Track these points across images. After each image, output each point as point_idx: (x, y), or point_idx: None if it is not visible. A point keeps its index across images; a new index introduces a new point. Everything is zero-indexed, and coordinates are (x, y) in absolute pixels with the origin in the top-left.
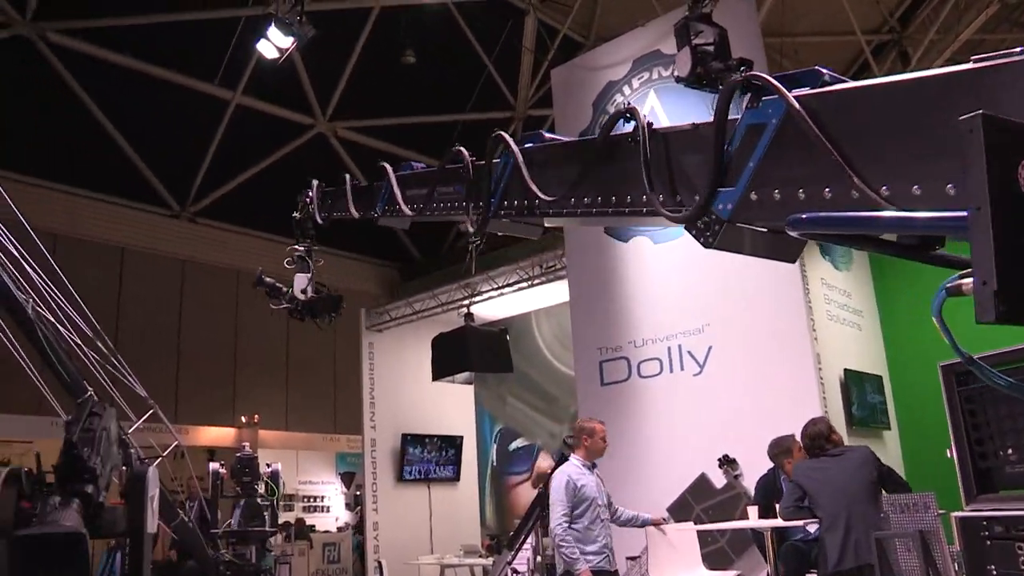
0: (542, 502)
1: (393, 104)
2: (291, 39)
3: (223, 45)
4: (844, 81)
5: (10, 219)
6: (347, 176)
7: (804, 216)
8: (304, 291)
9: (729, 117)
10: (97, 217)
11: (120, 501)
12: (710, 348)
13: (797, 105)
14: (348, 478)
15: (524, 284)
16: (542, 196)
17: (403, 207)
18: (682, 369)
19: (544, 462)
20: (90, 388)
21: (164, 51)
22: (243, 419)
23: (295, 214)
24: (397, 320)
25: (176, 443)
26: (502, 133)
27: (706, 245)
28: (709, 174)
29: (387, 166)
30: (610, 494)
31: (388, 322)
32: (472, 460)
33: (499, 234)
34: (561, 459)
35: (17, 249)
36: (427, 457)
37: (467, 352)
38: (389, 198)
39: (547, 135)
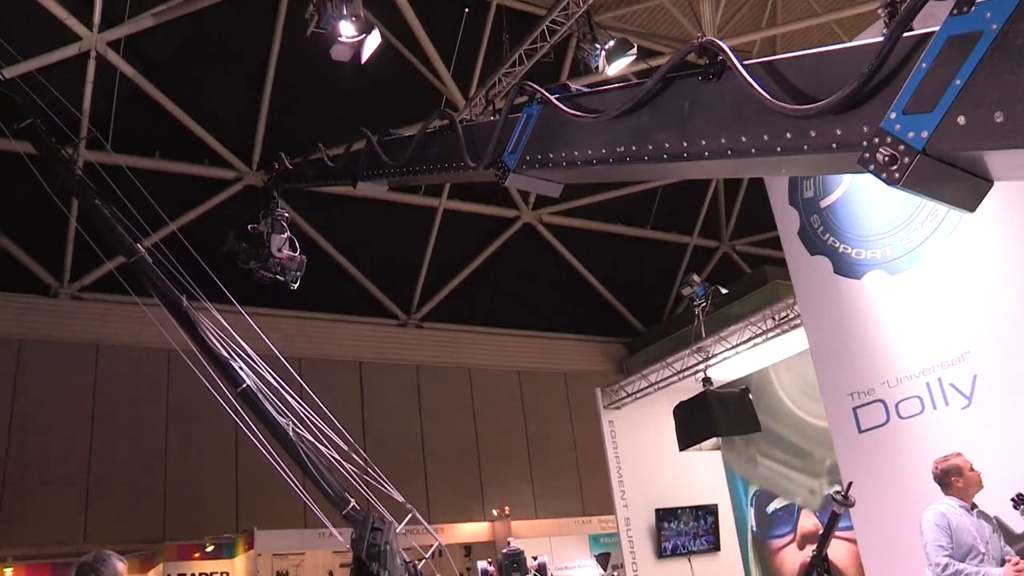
0: (816, 565)
1: (592, 183)
2: None
3: None
4: None
5: (261, 350)
6: (320, 145)
7: None
8: (280, 250)
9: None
10: (334, 336)
11: None
12: (975, 377)
13: None
14: (604, 559)
15: (758, 339)
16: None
17: (389, 164)
18: (947, 404)
19: (808, 521)
20: (352, 499)
21: None
22: (494, 512)
23: (262, 183)
24: (634, 395)
25: (436, 544)
26: (528, 82)
27: (890, 181)
28: (867, 69)
29: (366, 131)
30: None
31: (625, 398)
32: (730, 528)
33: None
34: (832, 518)
35: (274, 377)
36: (684, 529)
37: (711, 417)
38: (371, 161)
39: (574, 86)
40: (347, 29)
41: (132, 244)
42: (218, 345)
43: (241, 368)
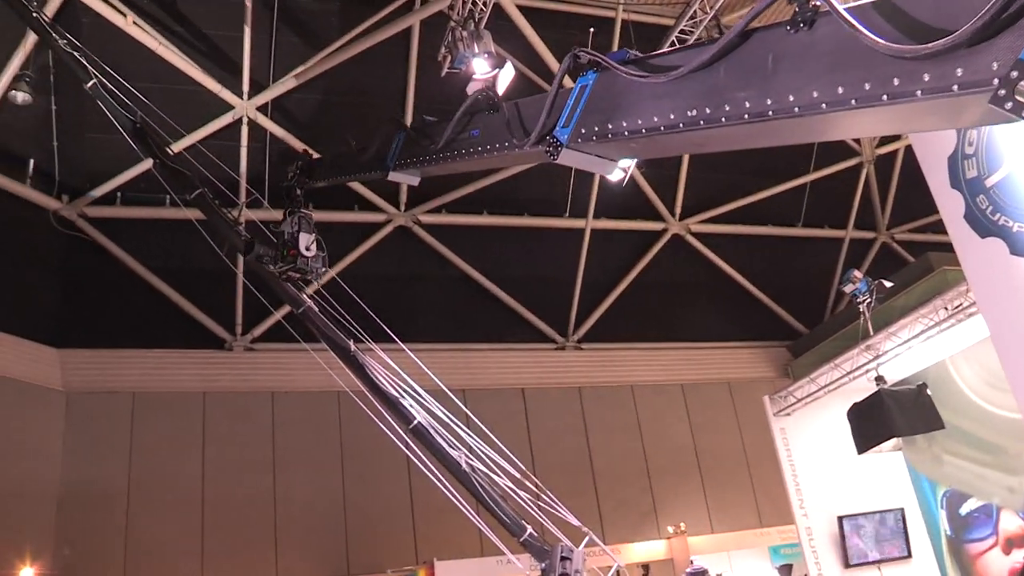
0: None
1: (736, 186)
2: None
3: (564, 180)
4: None
5: (425, 385)
6: (348, 137)
7: None
8: (308, 248)
9: None
10: (495, 365)
11: None
12: None
13: None
14: (786, 570)
15: (931, 331)
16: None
17: (424, 151)
18: None
19: (1011, 523)
20: (528, 526)
21: (514, 202)
22: (669, 529)
23: (284, 183)
24: (803, 400)
25: (615, 565)
26: (584, 48)
27: None
28: None
29: (398, 117)
30: None
31: (794, 403)
32: (921, 532)
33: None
34: None
35: (443, 411)
36: (870, 536)
37: (888, 417)
38: (404, 149)
39: (632, 52)
40: (481, 66)
41: (298, 295)
42: (387, 384)
43: (411, 405)
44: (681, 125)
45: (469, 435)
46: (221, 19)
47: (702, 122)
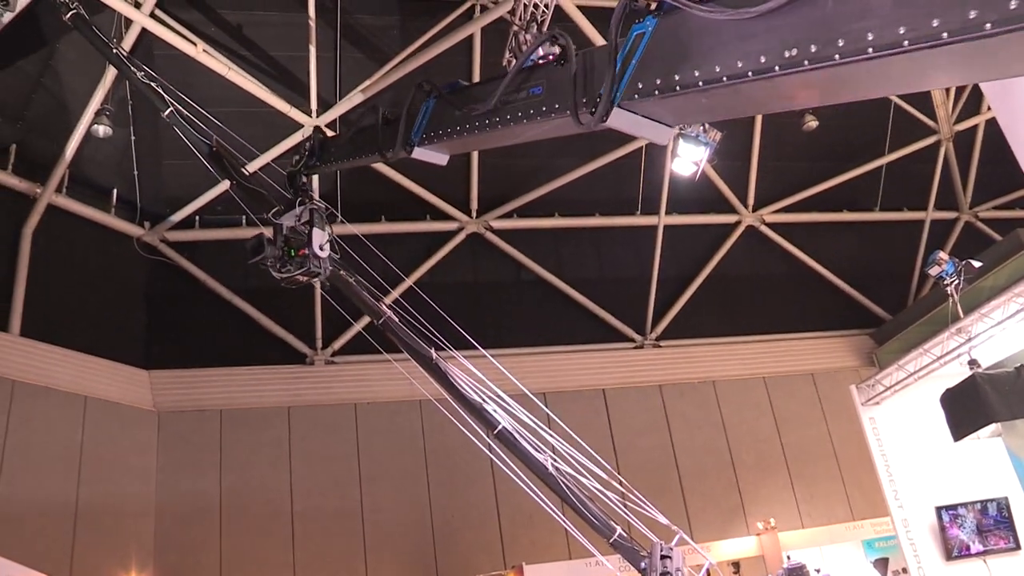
0: None
1: (810, 173)
2: (702, 148)
3: (634, 177)
4: None
5: (506, 389)
6: (376, 105)
7: None
8: (322, 247)
9: None
10: (575, 367)
11: None
12: None
13: None
14: (882, 564)
15: None
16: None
17: (462, 118)
18: None
19: None
20: (617, 526)
21: (584, 202)
22: (759, 525)
23: (288, 169)
24: (892, 388)
25: (706, 563)
26: None
27: None
28: None
29: (431, 81)
30: None
31: (883, 392)
32: None
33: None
34: None
35: (528, 416)
36: (970, 527)
37: (984, 402)
38: (434, 120)
39: None
40: None
41: (378, 306)
42: (470, 391)
43: (494, 410)
44: (777, 68)
45: (554, 437)
46: (286, 41)
47: (806, 62)
